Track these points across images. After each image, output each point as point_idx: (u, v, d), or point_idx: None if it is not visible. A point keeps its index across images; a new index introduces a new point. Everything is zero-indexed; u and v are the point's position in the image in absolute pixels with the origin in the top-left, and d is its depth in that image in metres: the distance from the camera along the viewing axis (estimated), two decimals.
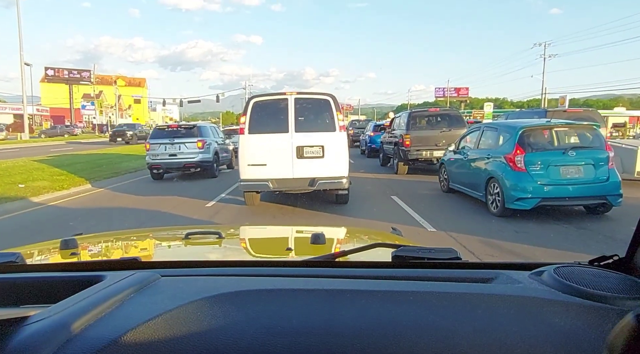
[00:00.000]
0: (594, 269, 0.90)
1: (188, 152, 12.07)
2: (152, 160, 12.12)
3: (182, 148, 12.08)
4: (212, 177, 12.30)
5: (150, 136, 12.78)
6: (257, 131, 7.22)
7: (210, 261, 1.16)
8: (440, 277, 0.91)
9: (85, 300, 0.75)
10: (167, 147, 12.07)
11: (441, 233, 5.84)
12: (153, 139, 12.38)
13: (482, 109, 54.11)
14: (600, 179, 6.46)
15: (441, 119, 12.87)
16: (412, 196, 8.95)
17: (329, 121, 7.26)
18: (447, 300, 0.78)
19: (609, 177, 6.50)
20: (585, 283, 0.81)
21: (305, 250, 1.60)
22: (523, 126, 7.02)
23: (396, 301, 0.78)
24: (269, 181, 7.20)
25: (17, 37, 37.38)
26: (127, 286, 0.82)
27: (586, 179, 6.45)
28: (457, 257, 1.05)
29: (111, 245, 1.83)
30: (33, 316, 0.67)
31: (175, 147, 12.06)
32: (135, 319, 0.70)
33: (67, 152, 22.33)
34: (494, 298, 0.79)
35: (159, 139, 12.25)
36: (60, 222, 7.11)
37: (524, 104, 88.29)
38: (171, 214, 7.51)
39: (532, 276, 0.90)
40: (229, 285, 0.83)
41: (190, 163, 12.08)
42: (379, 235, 1.97)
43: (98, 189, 10.91)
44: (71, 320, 0.68)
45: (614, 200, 6.47)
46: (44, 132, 49.30)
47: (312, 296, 0.80)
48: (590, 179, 6.45)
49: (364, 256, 1.13)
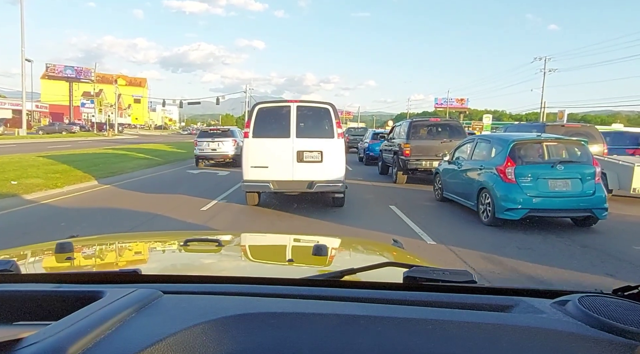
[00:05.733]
0: (619, 300, 0.85)
1: (225, 148, 16.71)
2: (199, 153, 16.76)
3: (220, 145, 16.68)
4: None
5: (198, 136, 17.44)
6: (260, 135, 7.59)
7: (213, 277, 1.15)
8: (457, 302, 0.86)
9: (82, 321, 0.69)
10: (210, 144, 16.64)
11: (441, 246, 5.73)
12: (200, 138, 17.04)
13: (481, 121, 54.51)
14: (587, 193, 6.70)
15: (442, 129, 12.78)
16: (410, 206, 8.88)
17: (328, 128, 7.67)
18: (468, 331, 0.73)
19: (595, 192, 6.74)
20: (615, 317, 0.76)
21: (307, 261, 1.56)
22: (515, 139, 7.24)
23: (414, 330, 0.74)
24: (270, 182, 7.59)
25: (20, 32, 37.33)
26: (128, 304, 0.78)
27: (573, 193, 6.70)
28: (472, 280, 1.00)
29: (108, 251, 1.78)
30: (28, 338, 0.63)
31: (216, 144, 16.66)
32: (136, 343, 0.66)
33: (64, 150, 22.13)
34: (518, 330, 0.74)
35: (204, 138, 16.89)
36: (50, 223, 6.95)
37: (522, 117, 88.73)
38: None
39: (554, 305, 0.84)
40: (235, 306, 0.79)
41: (226, 156, 16.76)
42: (382, 248, 1.93)
43: (98, 186, 10.80)
44: (68, 344, 0.63)
45: (599, 213, 6.71)
46: (41, 128, 49.08)
47: (323, 321, 0.75)
48: (577, 193, 6.69)
49: (373, 275, 1.09)
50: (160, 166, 16.47)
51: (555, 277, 4.61)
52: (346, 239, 2.71)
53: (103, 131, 53.68)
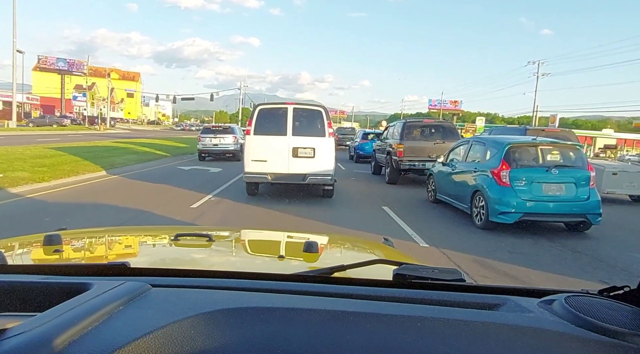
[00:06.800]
0: (605, 300, 0.86)
1: (225, 144, 18.23)
2: (202, 147, 18.30)
3: (222, 141, 18.16)
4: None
5: (201, 132, 18.97)
6: (260, 132, 8.48)
7: (202, 271, 1.13)
8: (445, 300, 0.87)
9: (69, 312, 0.68)
10: (212, 139, 18.15)
11: (433, 249, 5.66)
12: (203, 134, 18.59)
13: (474, 123, 54.83)
14: (581, 198, 6.63)
15: (435, 130, 12.78)
16: (403, 207, 8.81)
17: (320, 127, 8.57)
18: (456, 328, 0.73)
19: (590, 196, 6.67)
20: (600, 316, 0.77)
21: (298, 257, 1.56)
22: (510, 142, 7.14)
23: (403, 326, 0.74)
24: (268, 174, 8.51)
25: (12, 23, 36.78)
26: (116, 297, 0.76)
27: (567, 197, 6.62)
28: (461, 278, 1.00)
29: (97, 244, 1.76)
30: (13, 328, 0.62)
31: (217, 139, 18.14)
32: (124, 336, 0.65)
33: (53, 143, 21.82)
34: (505, 328, 0.74)
35: (207, 134, 18.38)
36: (34, 218, 6.79)
37: (514, 120, 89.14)
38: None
39: (541, 304, 0.85)
40: (224, 300, 0.78)
41: (226, 151, 18.30)
42: (372, 245, 1.93)
43: (84, 182, 10.61)
44: (54, 335, 0.61)
45: (593, 219, 6.66)
46: (32, 121, 48.53)
47: (313, 316, 0.75)
48: (571, 197, 6.62)
49: (363, 271, 1.08)
50: (147, 162, 16.23)
51: (547, 282, 4.56)
52: (337, 237, 2.69)
53: (95, 125, 53.11)
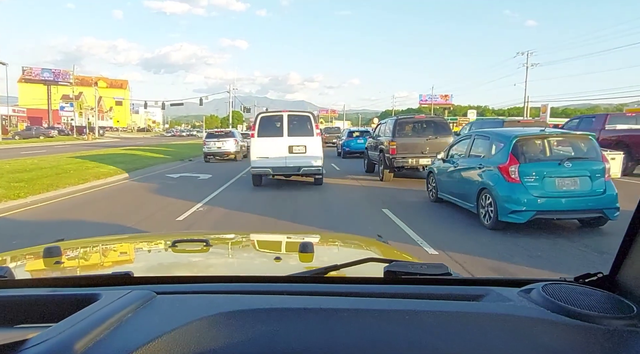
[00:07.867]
0: (579, 286, 0.90)
1: (227, 147, 20.70)
2: (207, 150, 20.64)
3: (224, 144, 20.65)
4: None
5: (205, 137, 21.68)
6: (262, 135, 10.72)
7: (204, 277, 1.16)
8: (432, 294, 0.90)
9: (83, 321, 0.71)
10: (216, 143, 20.60)
11: (444, 256, 5.14)
12: (207, 138, 21.17)
13: (466, 116, 54.79)
14: (597, 192, 6.11)
15: (427, 126, 12.68)
16: (403, 208, 8.33)
17: (310, 128, 10.84)
18: (441, 320, 0.77)
19: (606, 190, 6.14)
20: (573, 302, 0.81)
21: (293, 258, 1.59)
22: (517, 134, 6.60)
23: (392, 320, 0.78)
24: (270, 168, 10.74)
25: None
26: (124, 305, 0.79)
27: (582, 192, 6.10)
28: (447, 272, 1.03)
29: (97, 254, 1.79)
30: (33, 338, 0.65)
31: (220, 143, 20.64)
32: (134, 341, 0.69)
33: (38, 155, 21.14)
34: (486, 317, 0.79)
35: (211, 139, 20.92)
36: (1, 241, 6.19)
37: (505, 112, 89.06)
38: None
39: (521, 293, 0.89)
40: (225, 304, 0.82)
41: (228, 152, 20.82)
42: (366, 243, 1.96)
43: (64, 197, 10.01)
44: (72, 343, 0.65)
45: (610, 213, 6.08)
46: (18, 133, 47.76)
47: (309, 315, 0.79)
48: (586, 192, 6.10)
49: (356, 270, 1.10)
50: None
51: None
52: (332, 235, 2.80)
53: (83, 135, 52.27)
